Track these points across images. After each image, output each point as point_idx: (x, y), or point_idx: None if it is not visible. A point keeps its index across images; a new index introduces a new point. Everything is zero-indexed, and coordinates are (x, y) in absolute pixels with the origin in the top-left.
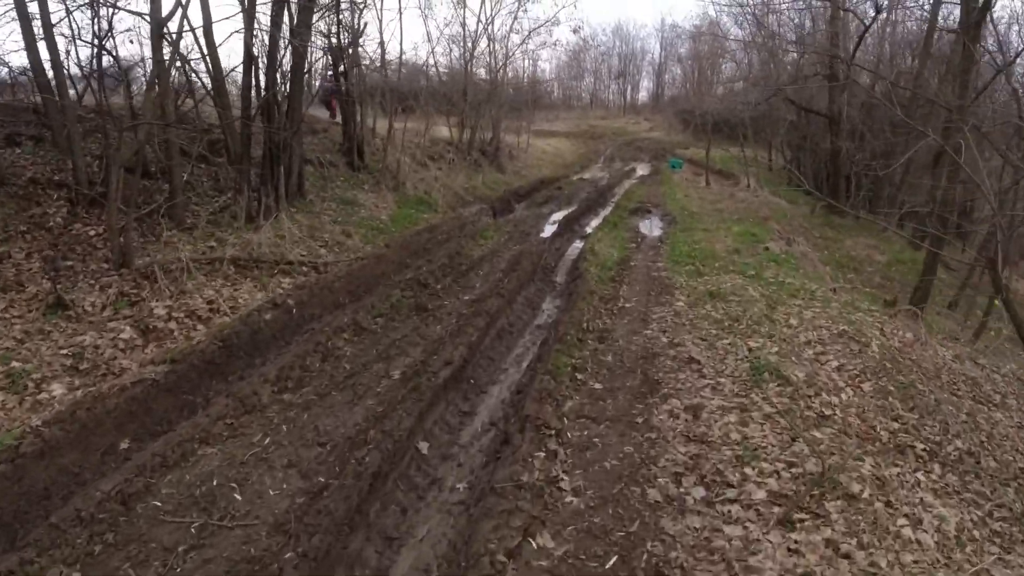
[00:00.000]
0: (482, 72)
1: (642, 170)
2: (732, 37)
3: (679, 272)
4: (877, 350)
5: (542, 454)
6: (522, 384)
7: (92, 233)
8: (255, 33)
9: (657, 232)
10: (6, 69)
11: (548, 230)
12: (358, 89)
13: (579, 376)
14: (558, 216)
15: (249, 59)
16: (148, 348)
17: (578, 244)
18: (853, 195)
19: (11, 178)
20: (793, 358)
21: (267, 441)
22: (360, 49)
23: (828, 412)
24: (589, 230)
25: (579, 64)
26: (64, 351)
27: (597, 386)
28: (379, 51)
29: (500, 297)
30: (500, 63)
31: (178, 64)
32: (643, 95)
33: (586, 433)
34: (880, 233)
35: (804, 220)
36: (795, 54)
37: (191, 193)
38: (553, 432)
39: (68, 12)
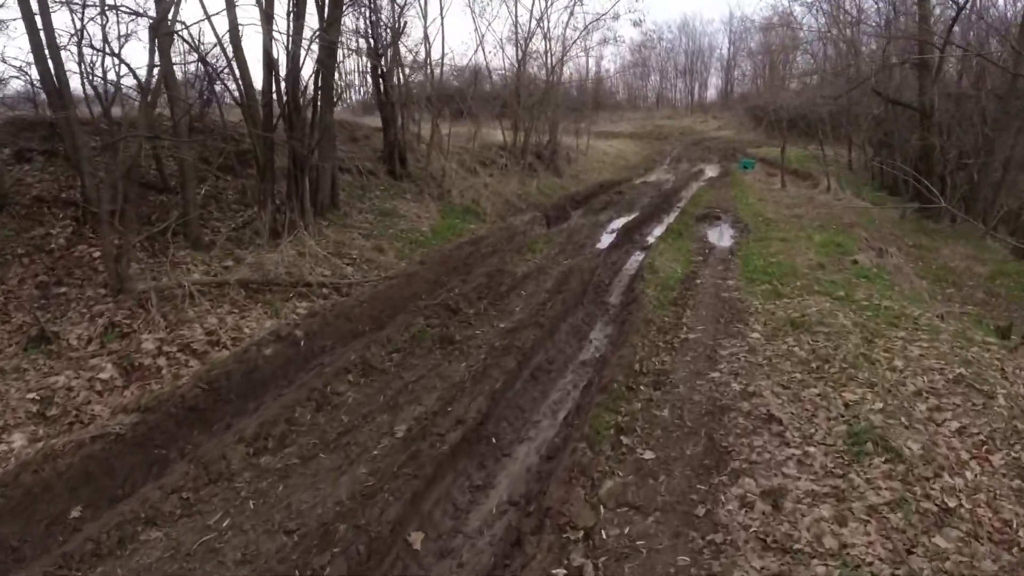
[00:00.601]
0: (537, 72)
1: (711, 172)
2: (807, 28)
3: (753, 292)
4: (1004, 403)
5: (562, 573)
6: (555, 446)
7: (96, 255)
8: (275, 34)
9: (727, 242)
10: (22, 80)
11: (605, 240)
12: (398, 92)
13: (625, 441)
14: (617, 224)
15: (269, 62)
16: (128, 390)
17: (637, 257)
18: (949, 196)
19: (15, 196)
20: (902, 418)
21: (226, 523)
22: (402, 48)
23: (952, 503)
24: (651, 240)
25: (644, 63)
26: (33, 394)
27: (647, 455)
28: (423, 51)
29: (539, 327)
30: (556, 61)
31: (199, 69)
32: (711, 93)
33: (628, 531)
34: (979, 240)
35: (893, 226)
36: (876, 43)
37: (213, 207)
38: (581, 533)
39: (79, 19)
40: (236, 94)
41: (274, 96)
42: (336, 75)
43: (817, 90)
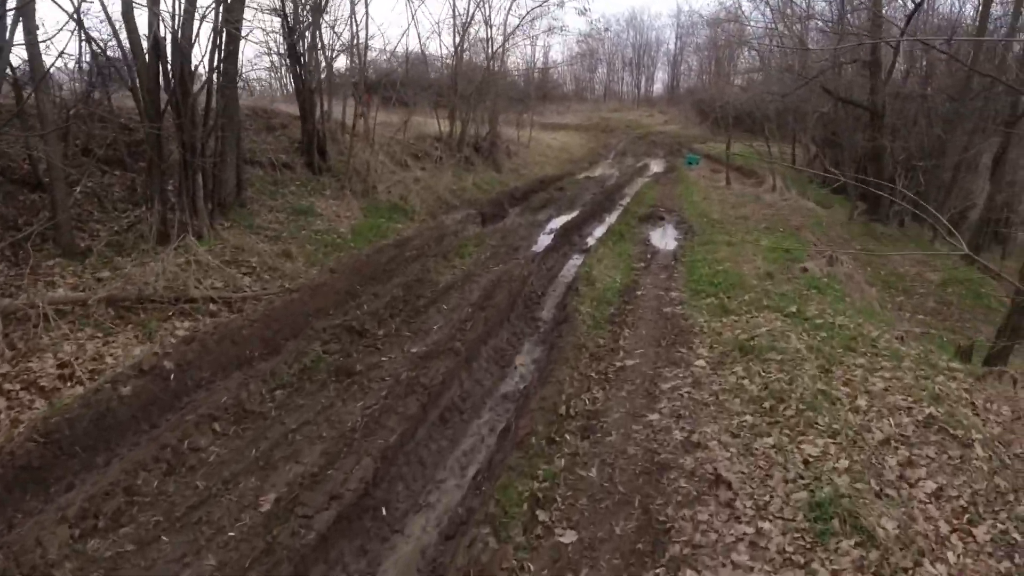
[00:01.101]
0: (477, 59)
1: (656, 167)
2: (754, 23)
3: (699, 307)
4: (982, 453)
5: None
6: (458, 518)
7: None
8: (163, 9)
9: (671, 245)
10: None
11: (541, 242)
12: (318, 77)
13: (541, 518)
14: (556, 224)
15: (155, 40)
16: None
17: (575, 262)
18: (898, 198)
19: None
20: (872, 481)
21: None
22: (323, 28)
23: None
24: (591, 242)
25: (591, 54)
26: None
27: (568, 538)
28: (349, 32)
29: (455, 354)
30: (497, 48)
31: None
32: (658, 87)
33: None
34: (928, 244)
35: (841, 228)
36: (826, 40)
37: (95, 207)
38: None
39: None
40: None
41: (161, 79)
42: (241, 56)
43: (764, 86)
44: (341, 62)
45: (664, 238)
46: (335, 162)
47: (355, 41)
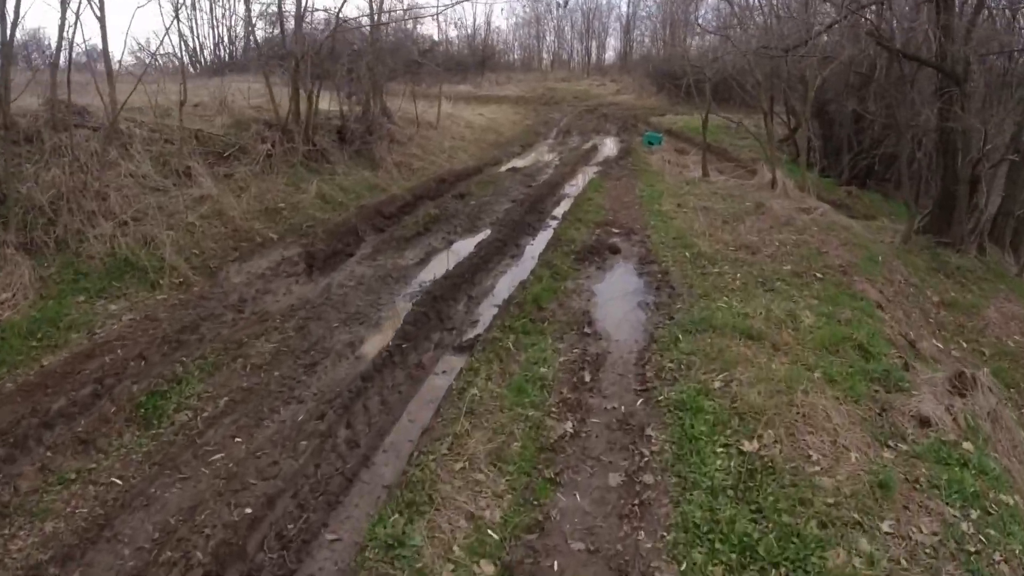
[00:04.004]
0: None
1: (607, 149)
2: None
3: None
4: None
5: None
6: None
7: None
8: None
9: (635, 336)
10: None
11: (371, 343)
12: None
13: None
14: (428, 275)
15: None
16: None
17: (429, 401)
18: (979, 217)
19: None
20: None
21: None
22: None
23: None
24: (476, 330)
25: (537, 20)
26: None
27: None
28: None
29: None
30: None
31: None
32: (610, 55)
33: None
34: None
35: (902, 261)
36: None
37: None
38: None
39: None
40: None
41: None
42: None
43: (743, 42)
44: None
45: (619, 309)
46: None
47: None
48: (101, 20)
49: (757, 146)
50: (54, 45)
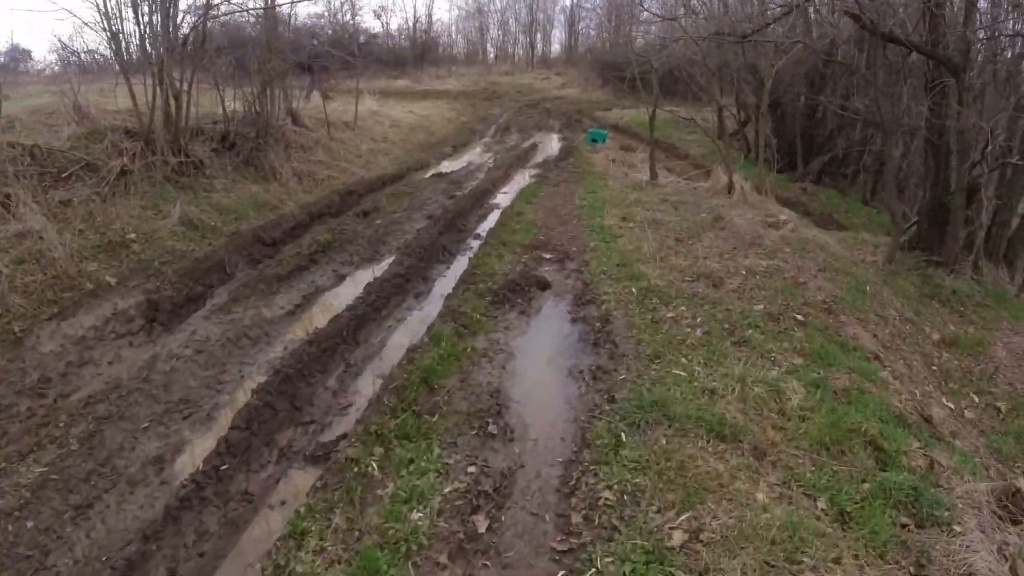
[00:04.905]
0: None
1: (548, 148)
2: None
3: None
4: None
5: None
6: None
7: None
8: None
9: (560, 434)
10: None
11: (184, 460)
12: None
13: None
14: (299, 331)
15: None
16: None
17: (248, 558)
18: (976, 232)
19: None
20: None
21: None
22: None
23: None
24: (348, 417)
25: (480, 11)
26: None
27: None
28: None
29: None
30: None
31: None
32: (555, 48)
33: None
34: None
35: (887, 286)
36: None
37: None
38: None
39: None
40: None
41: None
42: None
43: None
44: None
45: (543, 382)
46: None
47: None
48: None
49: (707, 140)
50: None
